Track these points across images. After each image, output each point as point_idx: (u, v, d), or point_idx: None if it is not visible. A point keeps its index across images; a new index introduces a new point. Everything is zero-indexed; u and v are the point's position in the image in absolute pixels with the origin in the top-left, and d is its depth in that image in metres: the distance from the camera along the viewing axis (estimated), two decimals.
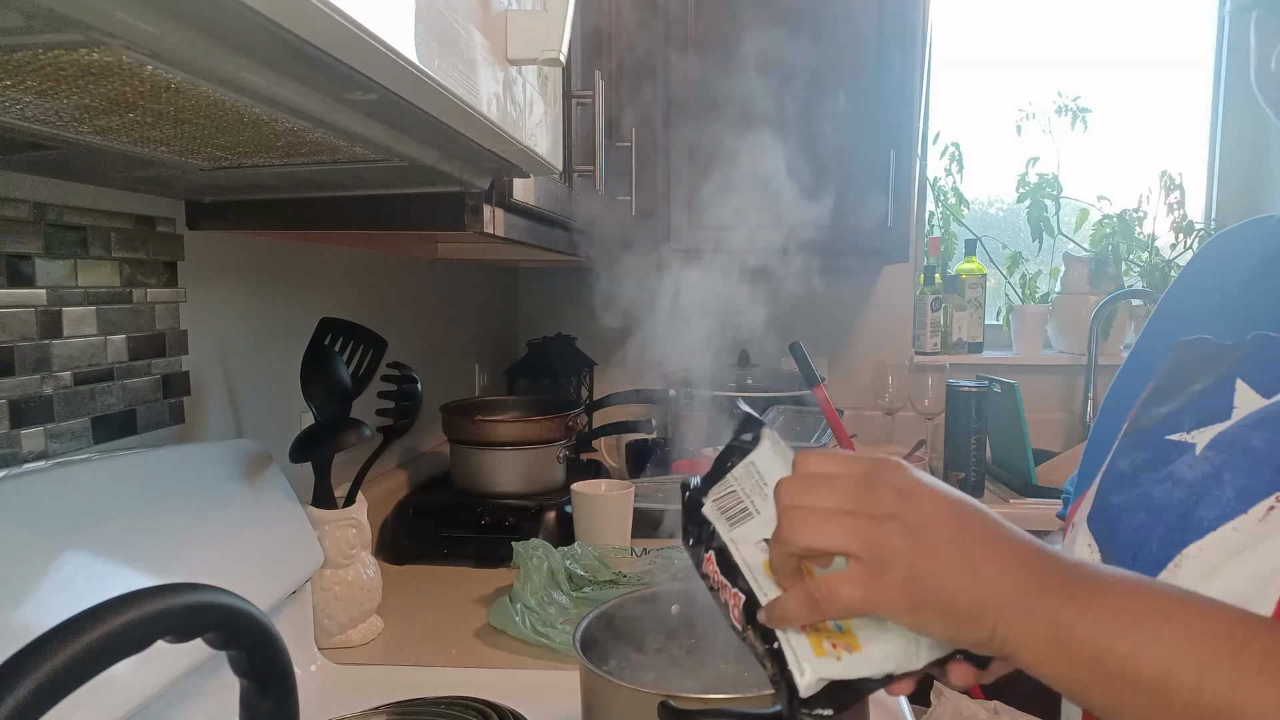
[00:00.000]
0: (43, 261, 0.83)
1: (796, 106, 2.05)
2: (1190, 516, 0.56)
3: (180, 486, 0.86)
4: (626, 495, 1.46)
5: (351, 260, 1.48)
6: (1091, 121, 2.49)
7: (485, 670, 1.06)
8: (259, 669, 0.51)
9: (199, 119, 0.55)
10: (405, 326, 1.73)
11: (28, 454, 0.82)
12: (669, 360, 2.64)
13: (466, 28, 0.55)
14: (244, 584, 0.70)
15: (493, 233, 0.98)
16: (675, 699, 0.64)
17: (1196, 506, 0.56)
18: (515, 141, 0.69)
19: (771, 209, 2.09)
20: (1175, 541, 0.56)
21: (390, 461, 1.65)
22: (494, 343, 2.34)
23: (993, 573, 0.48)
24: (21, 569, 0.65)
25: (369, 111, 0.59)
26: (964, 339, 2.43)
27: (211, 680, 0.83)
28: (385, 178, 0.83)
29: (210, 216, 1.02)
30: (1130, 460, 0.63)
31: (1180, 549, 0.56)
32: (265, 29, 0.39)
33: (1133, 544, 0.59)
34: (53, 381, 0.85)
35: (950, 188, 2.56)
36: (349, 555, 1.12)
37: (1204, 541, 0.55)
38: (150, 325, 0.98)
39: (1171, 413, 0.63)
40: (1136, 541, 0.59)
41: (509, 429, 1.55)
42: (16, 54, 0.41)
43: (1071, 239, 2.54)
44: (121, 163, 0.73)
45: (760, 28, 2.04)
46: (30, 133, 0.58)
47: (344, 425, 1.07)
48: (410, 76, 0.48)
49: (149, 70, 0.43)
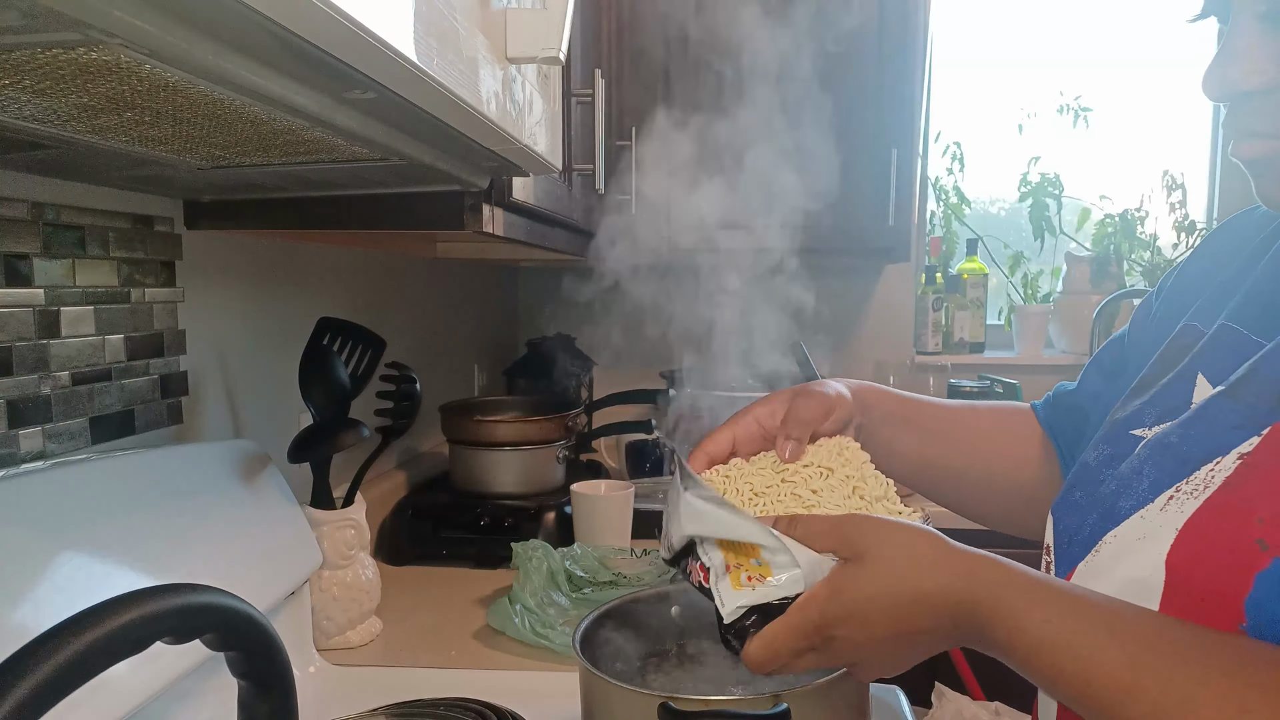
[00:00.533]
0: (40, 261, 0.83)
1: (797, 106, 2.05)
2: (1114, 507, 0.60)
3: (179, 487, 0.86)
4: (626, 495, 1.46)
5: (351, 260, 1.48)
6: (1093, 121, 2.49)
7: (484, 671, 1.06)
8: (257, 670, 0.51)
9: (197, 118, 0.55)
10: (404, 326, 1.72)
11: (26, 454, 0.82)
12: (669, 360, 2.65)
13: (466, 26, 0.55)
14: (242, 585, 0.70)
15: (492, 232, 0.97)
16: (675, 700, 0.64)
17: (1119, 497, 0.60)
18: (515, 140, 0.68)
19: (772, 208, 2.10)
20: (1098, 529, 0.60)
21: (389, 462, 1.65)
22: (493, 343, 2.34)
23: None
24: (20, 569, 0.65)
25: (368, 110, 0.58)
26: (965, 339, 2.43)
27: (211, 681, 0.83)
28: (384, 177, 0.83)
29: (209, 216, 1.02)
30: (1097, 454, 0.66)
31: (1101, 536, 0.59)
32: (264, 28, 0.39)
33: (1069, 531, 0.63)
34: (51, 381, 0.84)
35: (952, 187, 2.55)
36: (348, 556, 1.12)
37: (1119, 529, 0.58)
38: (148, 325, 0.98)
39: (1139, 406, 0.65)
40: (1073, 528, 0.63)
41: (508, 429, 1.55)
42: (15, 53, 0.41)
43: (1073, 238, 2.54)
44: (120, 162, 0.72)
45: (761, 27, 2.04)
46: (28, 132, 0.58)
47: (343, 425, 1.07)
48: (409, 75, 0.48)
49: (147, 69, 0.43)
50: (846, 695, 0.70)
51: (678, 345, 2.57)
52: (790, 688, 0.69)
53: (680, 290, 2.64)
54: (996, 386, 2.05)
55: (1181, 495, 0.55)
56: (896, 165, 2.00)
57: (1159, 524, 0.55)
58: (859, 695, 0.72)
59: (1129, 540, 0.57)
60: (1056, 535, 0.66)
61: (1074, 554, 0.62)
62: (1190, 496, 0.55)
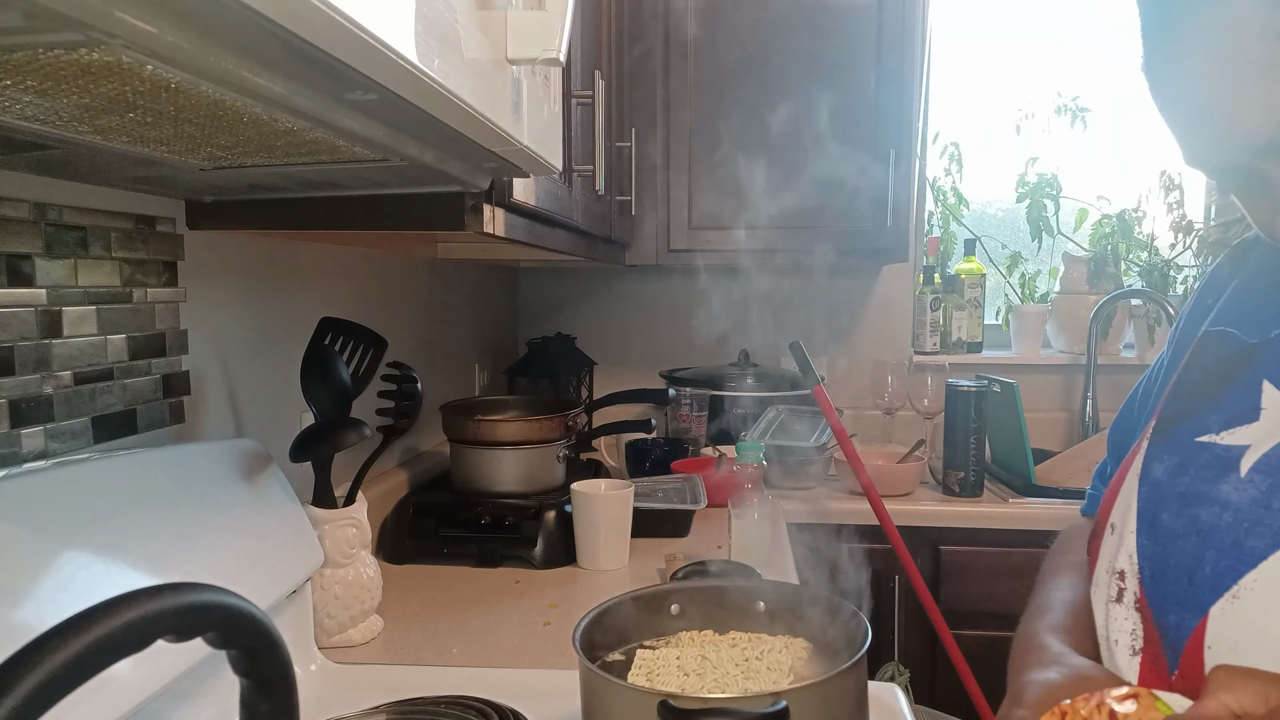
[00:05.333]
0: (43, 261, 0.83)
1: (796, 106, 2.05)
2: (1242, 545, 0.56)
3: (181, 486, 0.86)
4: (626, 495, 1.46)
5: (351, 260, 1.48)
6: (1091, 121, 2.49)
7: (485, 670, 1.06)
8: (259, 669, 0.51)
9: (199, 119, 0.55)
10: (405, 326, 1.73)
11: (28, 454, 0.82)
12: (669, 360, 2.66)
13: (466, 28, 0.55)
14: (244, 583, 0.70)
15: (493, 232, 0.98)
16: (675, 699, 0.64)
17: (1248, 535, 0.56)
18: (515, 141, 0.69)
19: (771, 208, 2.10)
20: (1229, 571, 0.56)
21: (390, 461, 1.65)
22: (494, 342, 2.34)
23: None
24: (22, 568, 0.65)
25: (369, 111, 0.59)
26: (963, 338, 2.43)
27: (211, 680, 0.83)
28: (385, 177, 0.83)
29: (210, 216, 1.02)
30: (1164, 465, 0.63)
31: (1236, 579, 0.56)
32: (265, 29, 0.39)
33: (1186, 569, 0.59)
34: (53, 381, 0.85)
35: (950, 187, 2.56)
36: (349, 555, 1.12)
37: (1258, 571, 0.55)
38: (150, 325, 0.98)
39: (1198, 411, 0.63)
40: (1190, 567, 0.59)
41: (509, 429, 1.55)
42: (16, 54, 0.41)
43: (1071, 239, 2.54)
44: (121, 162, 0.73)
45: (760, 28, 2.04)
46: (30, 132, 0.58)
47: (344, 425, 1.07)
48: (410, 76, 0.48)
49: (149, 70, 0.43)
50: (845, 693, 0.70)
51: (678, 345, 2.58)
52: (789, 686, 0.70)
53: (680, 290, 2.64)
54: (994, 386, 2.05)
55: None
56: (895, 165, 2.00)
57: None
58: (858, 694, 0.72)
59: (1277, 583, 0.54)
60: (1155, 565, 0.62)
61: (1199, 596, 0.57)
62: None
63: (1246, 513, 0.57)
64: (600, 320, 2.56)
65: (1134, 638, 0.62)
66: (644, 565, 1.44)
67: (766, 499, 1.42)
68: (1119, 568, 0.64)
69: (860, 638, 0.74)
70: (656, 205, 2.07)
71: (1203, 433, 0.62)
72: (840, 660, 0.74)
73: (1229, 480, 0.59)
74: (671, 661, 0.78)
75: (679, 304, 2.50)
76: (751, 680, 0.75)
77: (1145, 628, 0.61)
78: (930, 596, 1.70)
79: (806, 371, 1.68)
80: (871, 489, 1.71)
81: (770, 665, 0.77)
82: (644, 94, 2.02)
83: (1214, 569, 0.57)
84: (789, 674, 0.77)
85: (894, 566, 1.75)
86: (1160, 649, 0.60)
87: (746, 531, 1.39)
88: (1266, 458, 0.58)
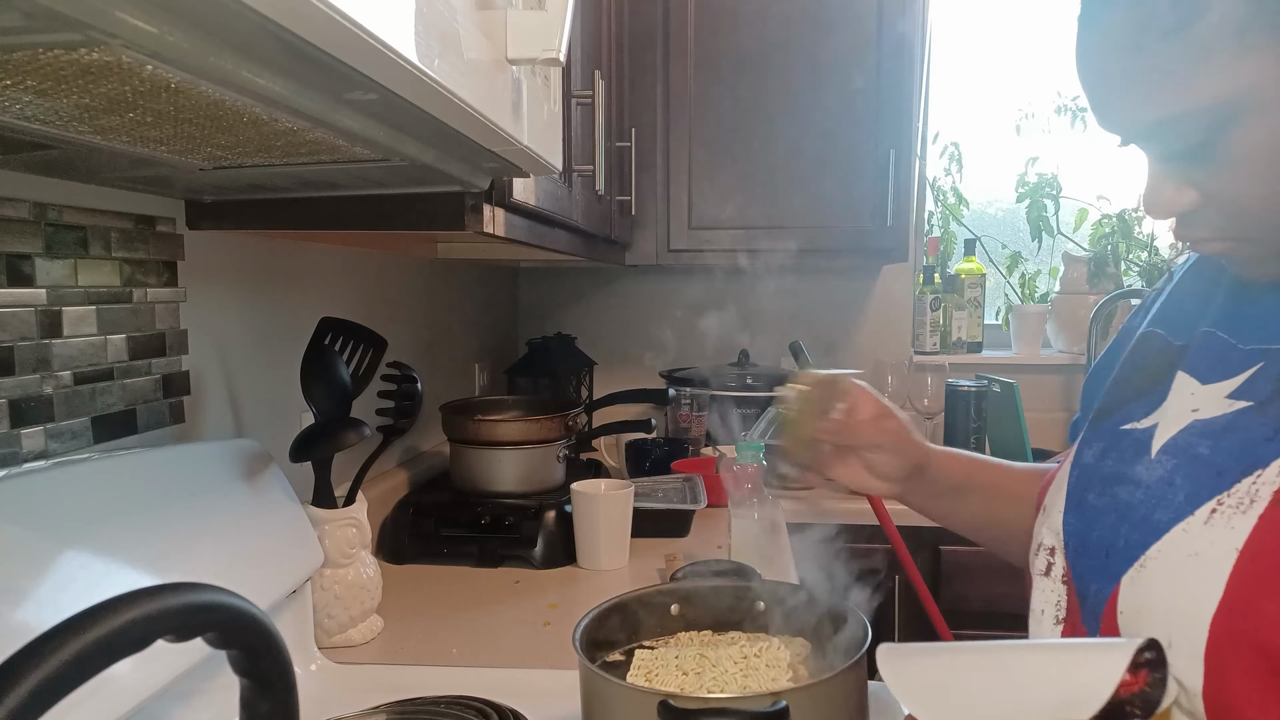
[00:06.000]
0: (43, 261, 0.83)
1: (796, 107, 2.05)
2: (1150, 519, 0.61)
3: (181, 486, 0.86)
4: (626, 495, 1.46)
5: (351, 260, 1.48)
6: (1091, 121, 2.48)
7: (485, 669, 1.06)
8: (259, 668, 0.51)
9: (199, 119, 0.55)
10: (405, 326, 1.73)
11: (28, 454, 0.82)
12: (669, 360, 2.65)
13: (466, 28, 0.55)
14: (244, 583, 0.70)
15: (493, 232, 0.98)
16: (675, 698, 0.64)
17: (1155, 510, 0.61)
18: (515, 141, 0.69)
19: (771, 208, 2.10)
20: (1139, 543, 0.61)
21: (390, 461, 1.65)
22: (494, 342, 2.34)
23: None
24: (21, 569, 0.65)
25: (369, 111, 0.59)
26: (963, 338, 2.43)
27: (211, 680, 0.83)
28: (385, 177, 0.83)
29: (210, 216, 1.02)
30: (1093, 450, 0.69)
31: (1144, 550, 0.61)
32: (265, 29, 0.39)
33: (1105, 542, 0.64)
34: (53, 381, 0.85)
35: (950, 187, 2.56)
36: (349, 555, 1.12)
37: (1161, 544, 0.60)
38: (150, 325, 0.98)
39: (1128, 405, 0.69)
40: (1108, 540, 0.64)
41: (509, 429, 1.55)
42: (16, 54, 0.41)
43: (1071, 239, 2.54)
44: (121, 162, 0.73)
45: (760, 28, 2.04)
46: (30, 132, 0.58)
47: (344, 425, 1.07)
48: (410, 76, 0.48)
49: (149, 70, 0.43)
50: (845, 693, 0.70)
51: (678, 344, 2.57)
52: (789, 686, 0.70)
53: (680, 290, 2.64)
54: (994, 386, 2.05)
55: (1227, 509, 0.56)
56: (895, 166, 2.00)
57: (1209, 540, 0.57)
58: (858, 693, 0.72)
59: (1178, 557, 0.58)
60: (1078, 540, 0.67)
61: (1114, 566, 0.62)
62: (1238, 511, 0.56)
63: (1154, 490, 0.62)
64: (600, 320, 2.56)
65: (1058, 608, 0.68)
66: (644, 565, 1.44)
67: (766, 499, 1.42)
68: (1049, 544, 0.69)
69: (860, 638, 0.74)
70: (656, 205, 2.06)
71: (1128, 422, 0.67)
72: (840, 660, 0.74)
73: (1142, 461, 0.64)
74: (671, 661, 0.78)
75: (679, 304, 2.50)
76: (751, 680, 0.75)
77: (1069, 599, 0.67)
78: (930, 596, 1.70)
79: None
80: None
81: (770, 665, 0.77)
82: (644, 94, 2.02)
83: (1127, 541, 0.62)
84: (789, 674, 0.77)
85: (894, 566, 1.75)
86: (1079, 617, 0.65)
87: (746, 531, 1.39)
88: (1174, 440, 0.63)
